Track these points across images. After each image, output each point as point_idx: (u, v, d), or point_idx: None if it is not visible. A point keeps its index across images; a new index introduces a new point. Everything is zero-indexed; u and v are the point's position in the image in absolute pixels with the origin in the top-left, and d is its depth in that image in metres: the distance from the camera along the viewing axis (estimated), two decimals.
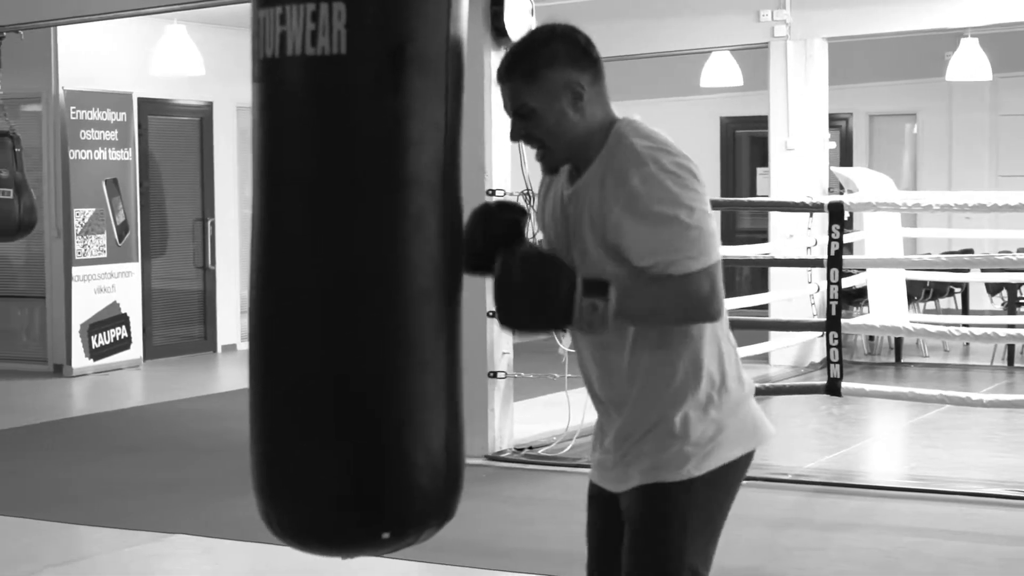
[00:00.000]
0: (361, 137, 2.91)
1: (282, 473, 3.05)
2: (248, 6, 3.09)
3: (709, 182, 11.17)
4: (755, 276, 15.39)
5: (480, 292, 8.28)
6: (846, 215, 13.75)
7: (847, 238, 12.26)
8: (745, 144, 17.64)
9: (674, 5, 12.92)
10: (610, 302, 2.89)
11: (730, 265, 11.33)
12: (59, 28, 11.89)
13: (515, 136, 3.08)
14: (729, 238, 16.87)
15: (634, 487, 3.10)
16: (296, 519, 3.07)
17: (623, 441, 3.12)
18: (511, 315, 2.94)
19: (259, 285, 3.03)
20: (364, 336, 2.92)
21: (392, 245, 2.91)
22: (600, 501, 3.24)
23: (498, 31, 8.27)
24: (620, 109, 3.13)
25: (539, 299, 2.89)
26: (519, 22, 8.35)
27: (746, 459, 3.21)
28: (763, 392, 8.68)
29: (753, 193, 16.80)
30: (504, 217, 3.13)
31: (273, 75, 2.97)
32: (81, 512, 7.19)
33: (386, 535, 3.02)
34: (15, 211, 10.19)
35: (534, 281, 2.89)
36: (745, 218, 17.03)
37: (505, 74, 3.07)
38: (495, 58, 8.31)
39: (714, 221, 3.00)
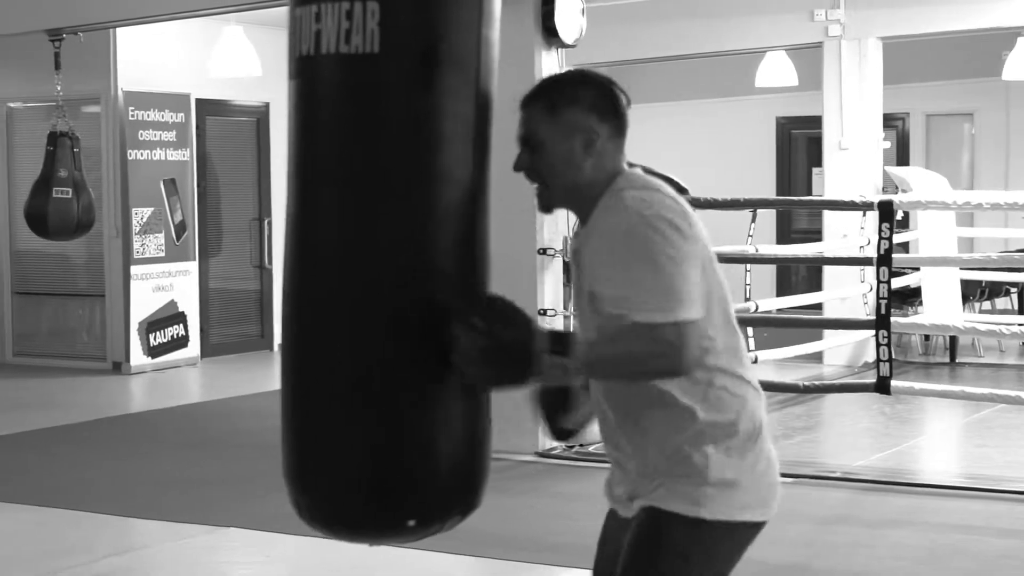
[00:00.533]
0: (392, 134, 2.98)
1: (310, 462, 3.14)
2: None
3: (764, 182, 11.23)
4: (811, 276, 15.37)
5: (531, 291, 8.36)
6: (899, 215, 13.77)
7: (902, 237, 12.28)
8: (802, 144, 17.60)
9: (728, 5, 12.94)
10: (573, 357, 2.87)
11: (783, 263, 11.35)
12: (118, 30, 12.03)
13: (518, 166, 3.07)
14: (784, 238, 16.90)
15: (642, 506, 3.04)
16: (323, 506, 3.15)
17: (640, 475, 3.06)
18: (474, 377, 2.95)
19: (291, 281, 3.11)
20: (389, 330, 2.98)
21: (421, 240, 2.98)
22: (612, 520, 3.21)
23: (549, 31, 8.34)
24: (675, 110, 3.18)
25: (501, 362, 2.90)
26: (570, 23, 8.41)
27: (757, 528, 3.13)
28: (813, 390, 8.71)
29: (809, 193, 16.77)
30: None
31: (308, 72, 3.04)
32: (137, 506, 7.31)
33: (411, 523, 3.08)
34: (73, 210, 10.34)
35: (495, 345, 2.89)
36: (802, 218, 17.00)
37: (527, 102, 3.07)
38: (546, 58, 8.38)
39: (695, 274, 2.90)
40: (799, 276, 16.76)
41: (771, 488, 3.11)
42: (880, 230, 7.96)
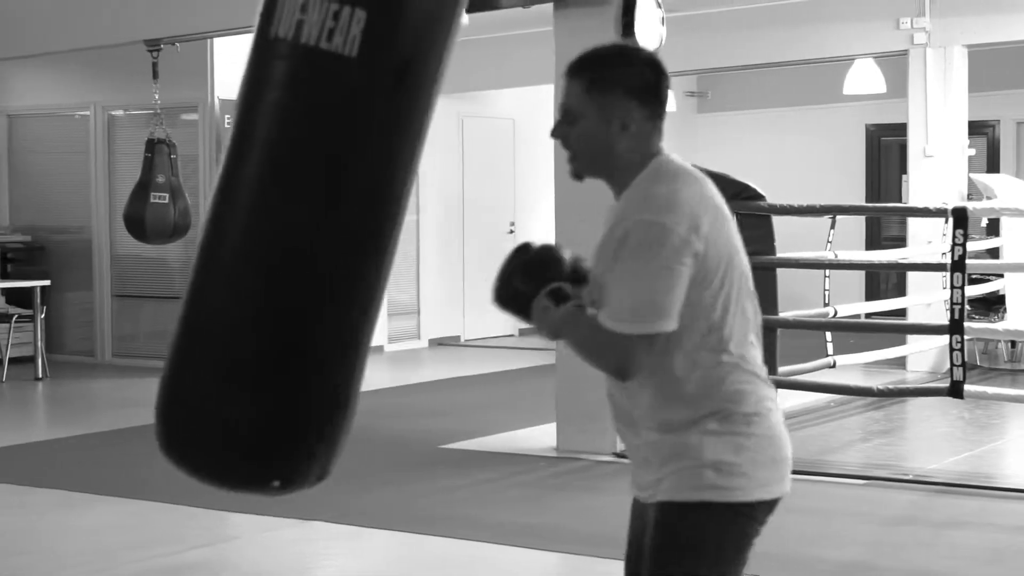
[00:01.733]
0: (343, 132, 3.17)
1: (187, 410, 3.32)
2: None
3: (853, 189, 11.38)
4: (901, 282, 15.42)
5: None
6: (983, 222, 13.78)
7: (991, 243, 12.31)
8: (894, 151, 17.60)
9: (815, 13, 13.01)
10: (559, 311, 3.03)
11: (859, 269, 11.40)
12: (215, 40, 12.37)
13: (554, 134, 3.13)
14: (875, 243, 16.93)
15: (656, 502, 3.08)
16: (195, 454, 3.34)
17: (645, 462, 3.12)
18: (494, 287, 3.15)
19: (209, 232, 3.31)
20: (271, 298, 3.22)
21: (321, 227, 3.20)
22: (635, 504, 3.26)
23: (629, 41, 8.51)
24: (764, 117, 3.28)
25: (508, 296, 3.12)
26: (650, 33, 8.57)
27: (766, 507, 3.06)
28: (887, 394, 8.81)
29: (899, 200, 16.78)
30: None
31: (277, 54, 3.19)
32: (228, 499, 7.53)
33: (276, 483, 3.29)
34: (170, 215, 10.66)
35: (508, 279, 3.11)
36: (892, 224, 17.01)
37: (570, 72, 3.12)
38: None
39: (675, 284, 2.93)
40: (889, 283, 16.79)
41: (775, 465, 3.05)
42: (954, 237, 8.05)
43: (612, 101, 3.05)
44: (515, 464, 8.47)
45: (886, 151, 17.72)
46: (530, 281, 3.08)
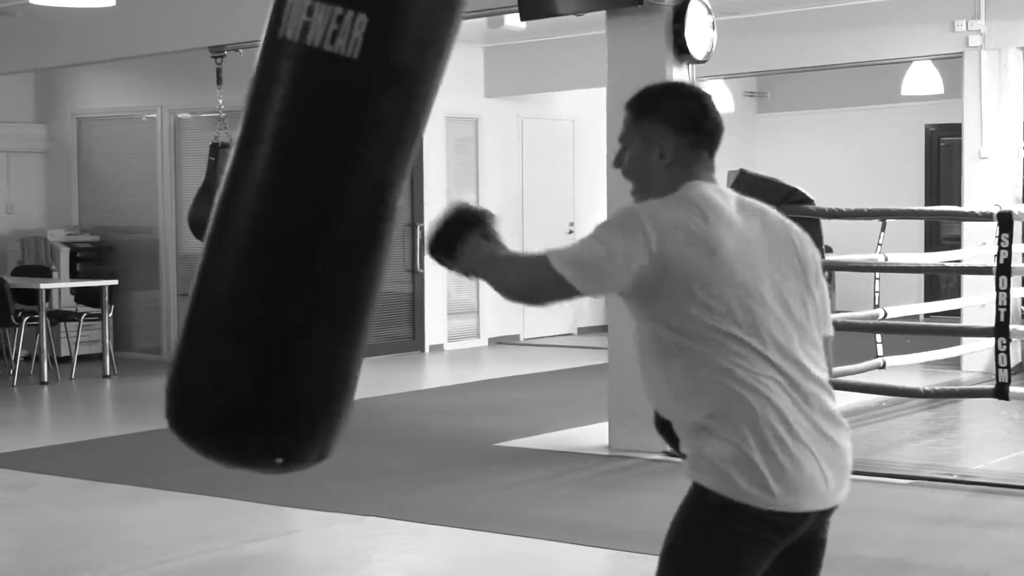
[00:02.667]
0: (341, 133, 3.35)
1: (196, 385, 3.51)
2: None
3: (912, 190, 11.46)
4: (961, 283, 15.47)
5: None
6: None
7: None
8: (954, 151, 17.61)
9: (871, 15, 13.10)
10: (472, 244, 3.32)
11: (906, 272, 11.46)
12: None
13: (614, 163, 3.41)
14: (935, 244, 16.96)
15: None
16: (201, 429, 3.56)
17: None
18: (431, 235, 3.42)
19: (219, 216, 3.47)
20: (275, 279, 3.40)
21: (325, 219, 3.39)
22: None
23: (680, 48, 8.65)
24: (824, 117, 3.39)
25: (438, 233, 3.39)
26: (700, 38, 8.73)
27: (760, 517, 3.13)
28: (933, 395, 8.92)
29: (959, 201, 16.79)
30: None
31: (285, 54, 3.37)
32: (287, 495, 7.76)
33: (279, 460, 3.46)
34: None
35: (445, 222, 3.40)
36: (953, 225, 17.04)
37: (626, 105, 3.40)
38: (676, 74, 8.69)
39: (612, 254, 3.11)
40: (949, 284, 16.83)
41: (775, 480, 3.11)
42: (1000, 240, 8.16)
43: (650, 129, 3.30)
44: (567, 462, 8.66)
45: (946, 152, 17.73)
46: (465, 223, 3.37)
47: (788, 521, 3.16)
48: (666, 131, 3.28)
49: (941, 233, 17.30)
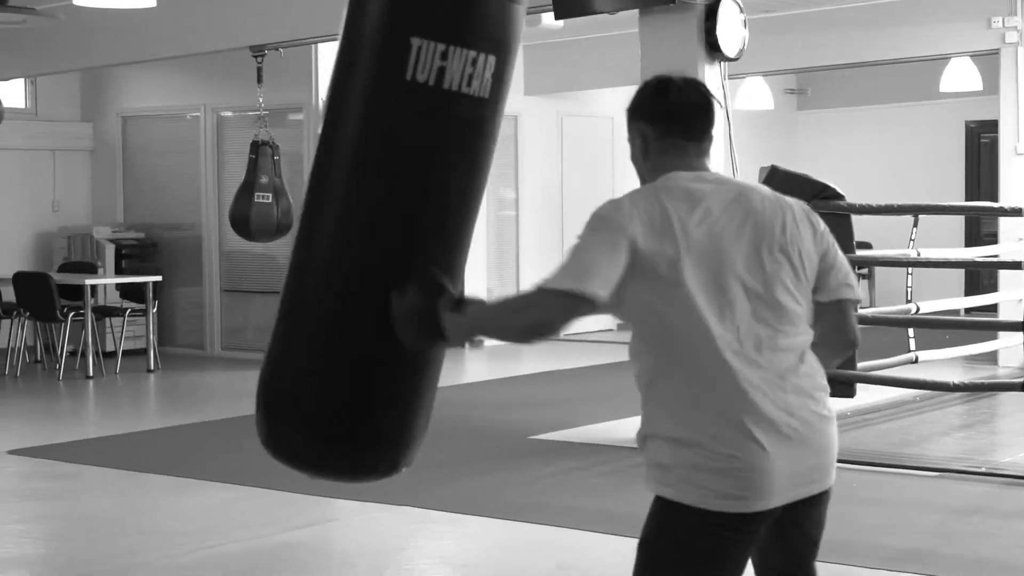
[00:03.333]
0: (472, 165, 3.66)
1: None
2: None
3: (952, 186, 11.58)
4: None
5: None
6: None
7: None
8: (996, 148, 17.61)
9: (908, 13, 13.16)
10: (466, 308, 3.37)
11: (936, 267, 11.51)
12: (319, 45, 12.80)
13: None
14: (975, 239, 16.99)
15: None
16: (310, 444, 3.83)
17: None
18: (401, 339, 3.51)
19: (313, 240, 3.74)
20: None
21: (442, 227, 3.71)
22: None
23: (711, 46, 8.77)
24: (863, 114, 3.49)
25: (412, 325, 3.49)
26: (732, 36, 8.83)
27: (722, 518, 3.17)
28: (962, 389, 9.01)
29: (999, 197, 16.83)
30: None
31: (417, 97, 3.56)
32: (328, 485, 7.92)
33: (404, 468, 3.80)
34: (274, 214, 11.08)
35: (406, 312, 3.49)
36: (993, 222, 17.06)
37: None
38: (708, 72, 8.81)
39: (601, 254, 3.13)
40: (990, 280, 16.86)
41: (731, 480, 3.15)
42: None
43: (633, 124, 3.40)
44: (600, 454, 8.79)
45: (987, 148, 17.75)
46: (426, 302, 3.44)
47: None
48: (641, 124, 3.38)
49: (982, 230, 17.32)
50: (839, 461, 3.36)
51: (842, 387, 8.83)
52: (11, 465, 8.81)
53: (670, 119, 3.34)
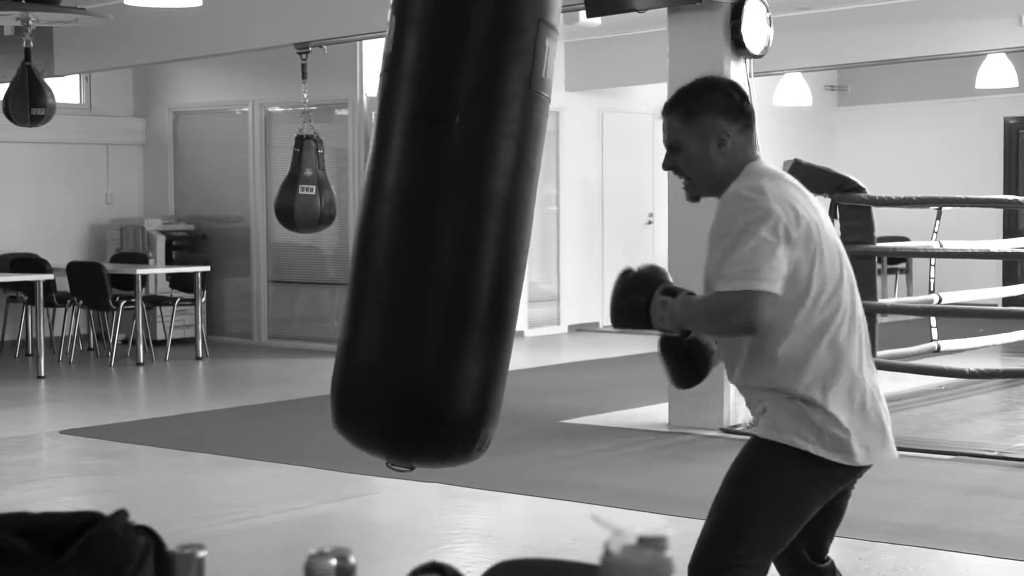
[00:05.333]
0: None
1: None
2: None
3: (990, 181, 11.92)
4: None
5: None
6: None
7: None
8: None
9: (943, 9, 13.33)
10: (673, 302, 3.52)
11: (958, 257, 11.73)
12: (364, 42, 13.13)
13: (666, 165, 3.66)
14: (1012, 232, 17.15)
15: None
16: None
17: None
18: (613, 317, 3.72)
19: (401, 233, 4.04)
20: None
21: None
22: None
23: (737, 44, 9.05)
24: (904, 110, 3.73)
25: (625, 306, 3.65)
26: (757, 34, 9.12)
27: (825, 465, 3.55)
28: (978, 376, 9.27)
29: None
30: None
31: (539, 101, 4.09)
32: (362, 463, 8.25)
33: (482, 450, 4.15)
34: (317, 205, 11.42)
35: (623, 293, 3.67)
36: None
37: (667, 110, 3.68)
38: (734, 68, 9.10)
39: (782, 255, 3.38)
40: None
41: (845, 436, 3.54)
42: None
43: (707, 123, 3.57)
44: (628, 437, 9.10)
45: None
46: (642, 289, 3.62)
47: None
48: (721, 122, 3.56)
49: (1020, 223, 17.49)
50: None
51: None
52: (64, 444, 9.23)
53: (749, 116, 3.64)
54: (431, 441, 4.05)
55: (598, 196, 16.40)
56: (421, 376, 3.95)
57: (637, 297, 3.60)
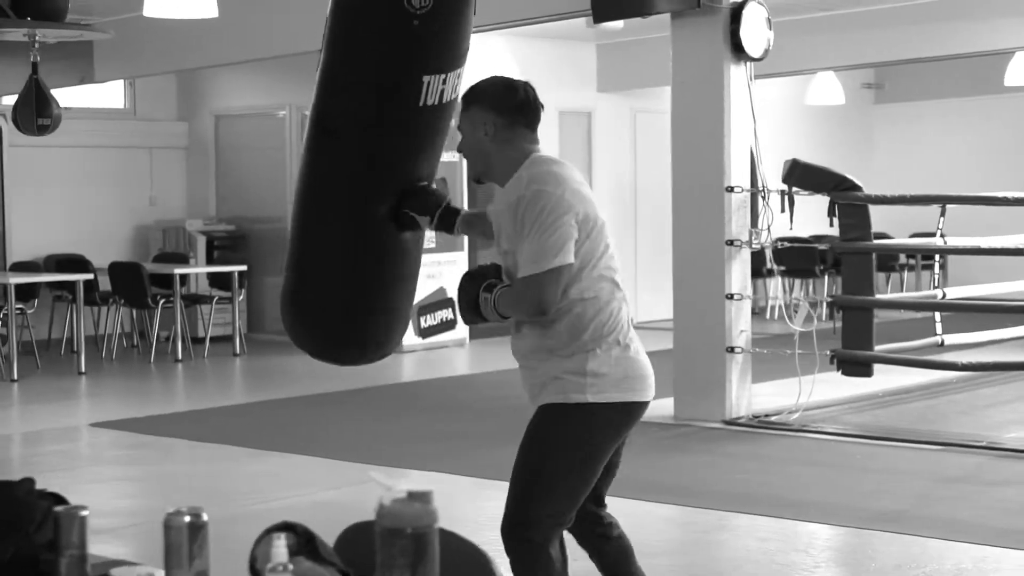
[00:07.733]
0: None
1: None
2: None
3: (1016, 178, 11.98)
4: None
5: (719, 278, 9.37)
6: None
7: None
8: None
9: (975, 7, 13.48)
10: (491, 297, 4.00)
11: (959, 254, 11.84)
12: None
13: (457, 148, 4.14)
14: None
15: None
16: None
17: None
18: (460, 315, 4.17)
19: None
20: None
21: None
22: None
23: (736, 47, 9.30)
24: (940, 107, 3.91)
25: (463, 304, 4.11)
26: (756, 38, 9.36)
27: (622, 407, 4.22)
28: (971, 368, 9.48)
29: None
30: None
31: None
32: (376, 455, 8.61)
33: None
34: None
35: (459, 292, 4.14)
36: None
37: (460, 98, 4.20)
38: (734, 71, 9.35)
39: (566, 231, 3.85)
40: None
41: (628, 374, 4.17)
42: None
43: (477, 112, 4.05)
44: (634, 428, 9.34)
45: None
46: (468, 288, 4.11)
47: None
48: (491, 113, 4.01)
49: None
50: (855, 436, 3.99)
51: (859, 367, 9.38)
52: (98, 436, 9.68)
53: (518, 111, 4.08)
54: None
55: (631, 196, 16.66)
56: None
57: (469, 295, 4.10)
